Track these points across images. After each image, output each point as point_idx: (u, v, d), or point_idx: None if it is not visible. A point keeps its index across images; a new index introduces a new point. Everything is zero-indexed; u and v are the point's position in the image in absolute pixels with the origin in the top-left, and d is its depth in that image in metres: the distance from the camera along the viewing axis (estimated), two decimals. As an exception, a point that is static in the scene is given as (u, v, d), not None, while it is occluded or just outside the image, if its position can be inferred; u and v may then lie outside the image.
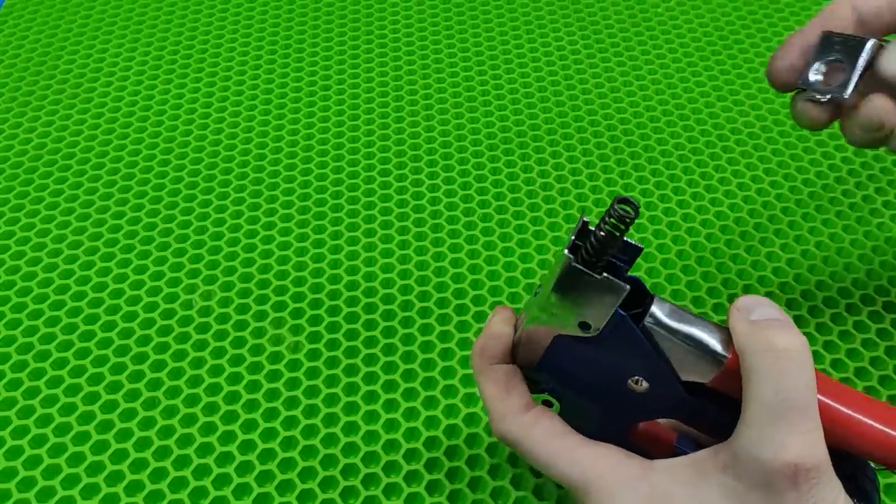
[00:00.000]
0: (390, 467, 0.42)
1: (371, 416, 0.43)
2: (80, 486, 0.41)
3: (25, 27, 0.65)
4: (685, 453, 0.31)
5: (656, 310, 0.31)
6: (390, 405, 0.44)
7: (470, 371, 0.45)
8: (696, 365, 0.31)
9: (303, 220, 0.52)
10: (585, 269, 0.29)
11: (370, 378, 0.45)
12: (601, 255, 0.29)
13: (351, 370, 0.45)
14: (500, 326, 0.33)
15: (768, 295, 0.48)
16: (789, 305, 0.48)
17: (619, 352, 0.31)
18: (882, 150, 0.56)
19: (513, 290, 0.48)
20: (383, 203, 0.53)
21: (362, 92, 0.60)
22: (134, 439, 0.42)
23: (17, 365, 0.45)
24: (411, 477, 0.41)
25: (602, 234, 0.28)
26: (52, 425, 0.43)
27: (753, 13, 0.66)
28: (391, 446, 0.42)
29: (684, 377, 0.31)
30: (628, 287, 0.29)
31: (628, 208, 0.28)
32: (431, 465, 0.42)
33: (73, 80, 0.61)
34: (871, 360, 0.46)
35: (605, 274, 0.29)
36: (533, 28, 0.65)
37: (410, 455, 0.42)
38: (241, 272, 0.49)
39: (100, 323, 0.47)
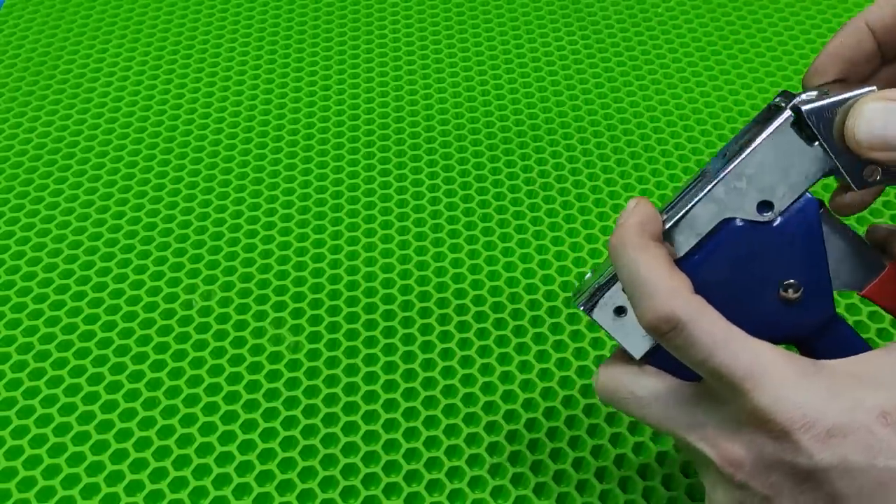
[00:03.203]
0: (390, 467, 0.42)
1: (371, 416, 0.43)
2: (80, 485, 0.41)
3: (25, 27, 0.65)
4: None
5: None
6: (390, 405, 0.44)
7: (469, 371, 0.45)
8: (856, 270, 0.29)
9: (303, 220, 0.52)
10: (809, 126, 0.27)
11: (370, 378, 0.45)
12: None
13: (351, 370, 0.45)
14: (651, 207, 0.30)
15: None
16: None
17: (788, 245, 0.29)
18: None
19: (513, 290, 0.48)
20: (383, 203, 0.53)
21: (362, 92, 0.60)
22: (134, 439, 0.42)
23: (17, 365, 0.45)
24: (411, 476, 0.41)
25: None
26: (52, 425, 0.43)
27: (753, 13, 0.66)
28: (391, 446, 0.42)
29: (836, 287, 0.29)
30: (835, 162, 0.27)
31: None
32: (431, 464, 0.42)
33: (73, 80, 0.61)
34: None
35: (818, 142, 0.27)
36: (533, 28, 0.65)
37: (410, 454, 0.42)
38: (241, 272, 0.49)
39: (100, 323, 0.47)
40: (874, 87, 0.28)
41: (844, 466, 0.27)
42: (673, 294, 0.28)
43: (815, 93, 0.28)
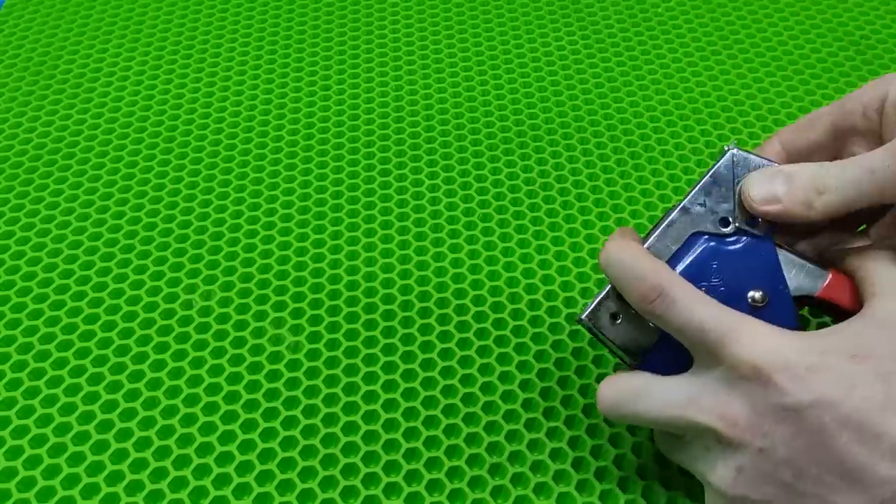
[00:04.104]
0: (390, 467, 0.42)
1: (371, 416, 0.43)
2: (80, 485, 0.41)
3: (25, 27, 0.65)
4: None
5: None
6: (390, 405, 0.44)
7: (468, 371, 0.45)
8: (807, 277, 0.35)
9: (303, 220, 0.52)
10: (748, 152, 0.36)
11: (370, 378, 0.45)
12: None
13: (351, 370, 0.45)
14: (632, 229, 0.38)
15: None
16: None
17: (748, 255, 0.35)
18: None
19: (513, 290, 0.48)
20: (383, 203, 0.53)
21: (362, 92, 0.60)
22: (134, 439, 0.42)
23: (17, 365, 0.45)
24: (411, 476, 0.41)
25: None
26: (52, 425, 0.43)
27: (753, 13, 0.66)
28: (391, 446, 0.42)
29: (794, 291, 0.35)
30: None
31: None
32: (431, 464, 0.42)
33: (73, 80, 0.61)
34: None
35: (769, 160, 0.36)
36: (533, 28, 0.65)
37: (410, 454, 0.42)
38: (241, 272, 0.49)
39: (100, 323, 0.47)
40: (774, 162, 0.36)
41: (826, 400, 0.30)
42: (656, 270, 0.34)
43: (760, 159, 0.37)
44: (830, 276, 0.35)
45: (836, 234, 0.38)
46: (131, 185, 0.54)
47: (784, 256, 0.35)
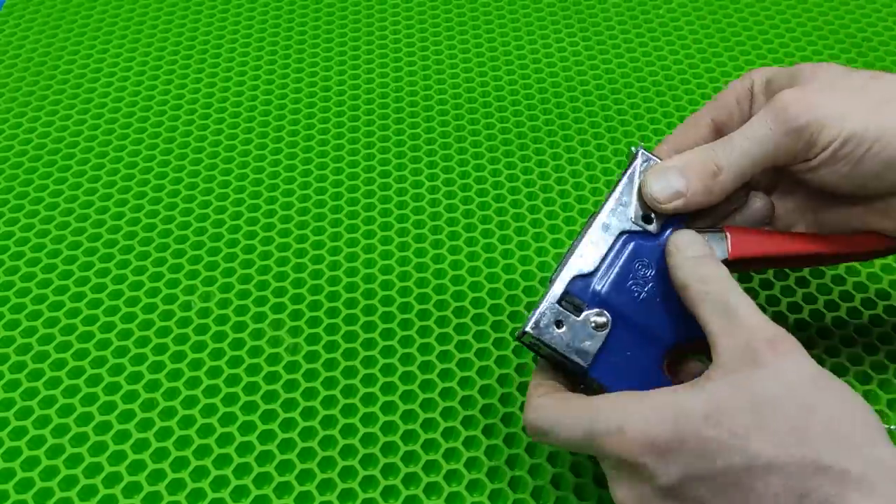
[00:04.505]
0: (388, 470, 0.41)
1: (369, 419, 0.43)
2: (78, 487, 0.41)
3: (25, 27, 0.65)
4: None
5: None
6: (388, 408, 0.44)
7: (467, 373, 0.45)
8: (717, 245, 0.36)
9: (302, 222, 0.52)
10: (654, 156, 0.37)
11: (368, 380, 0.45)
12: None
13: (349, 373, 0.45)
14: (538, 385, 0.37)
15: (770, 297, 0.48)
16: (791, 308, 0.48)
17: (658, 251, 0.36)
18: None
19: (512, 292, 0.48)
20: (383, 204, 0.53)
21: (362, 93, 0.60)
22: (132, 441, 0.42)
23: (16, 366, 0.45)
24: (409, 479, 0.41)
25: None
26: (50, 426, 0.43)
27: (755, 14, 0.66)
28: (389, 448, 0.42)
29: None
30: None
31: None
32: (429, 467, 0.42)
33: (73, 80, 0.61)
34: (872, 365, 0.45)
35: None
36: (533, 28, 0.65)
37: (408, 457, 0.42)
38: (239, 273, 0.49)
39: (98, 324, 0.47)
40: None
41: (690, 475, 0.30)
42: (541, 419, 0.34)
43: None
44: (729, 235, 0.37)
45: (727, 203, 0.38)
46: (131, 186, 0.54)
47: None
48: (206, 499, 0.40)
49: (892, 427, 0.39)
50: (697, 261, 0.35)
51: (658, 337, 0.36)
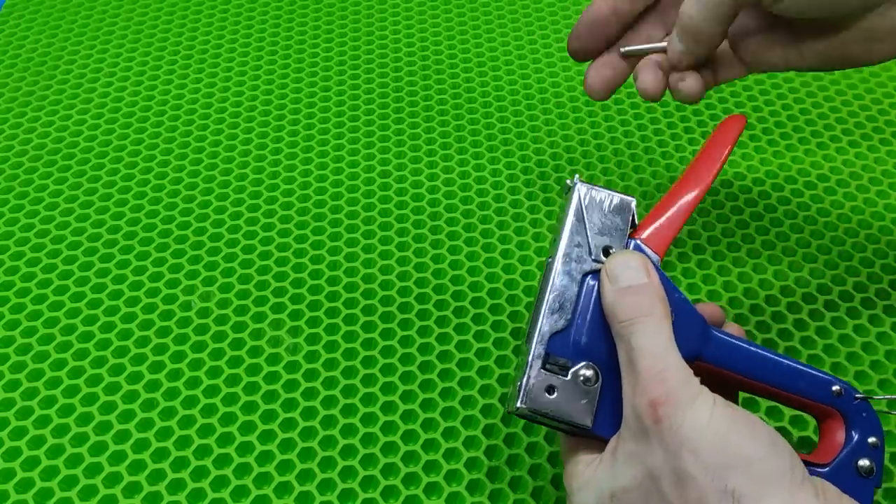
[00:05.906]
0: (388, 469, 0.42)
1: (369, 419, 0.43)
2: (78, 487, 0.41)
3: (25, 27, 0.65)
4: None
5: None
6: (388, 408, 0.44)
7: (467, 373, 0.45)
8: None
9: (302, 222, 0.52)
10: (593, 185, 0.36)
11: (368, 380, 0.45)
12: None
13: (349, 372, 0.45)
14: None
15: (769, 297, 0.48)
16: (790, 308, 0.48)
17: None
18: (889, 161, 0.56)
19: (512, 292, 0.48)
20: (383, 204, 0.53)
21: (362, 93, 0.60)
22: (132, 441, 0.42)
23: (16, 366, 0.45)
24: (409, 479, 0.41)
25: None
26: (50, 426, 0.43)
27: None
28: (389, 448, 0.42)
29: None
30: (634, 199, 0.36)
31: None
32: (429, 467, 0.42)
33: (73, 80, 0.61)
34: (871, 364, 0.45)
35: (612, 191, 0.36)
36: (533, 28, 0.65)
37: (408, 457, 0.42)
38: (239, 273, 0.49)
39: (98, 324, 0.47)
40: (633, 198, 0.37)
41: None
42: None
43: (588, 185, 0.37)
44: (638, 241, 0.36)
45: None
46: (131, 186, 0.54)
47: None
48: (206, 499, 0.40)
49: (879, 397, 0.38)
50: (618, 293, 0.33)
51: None
